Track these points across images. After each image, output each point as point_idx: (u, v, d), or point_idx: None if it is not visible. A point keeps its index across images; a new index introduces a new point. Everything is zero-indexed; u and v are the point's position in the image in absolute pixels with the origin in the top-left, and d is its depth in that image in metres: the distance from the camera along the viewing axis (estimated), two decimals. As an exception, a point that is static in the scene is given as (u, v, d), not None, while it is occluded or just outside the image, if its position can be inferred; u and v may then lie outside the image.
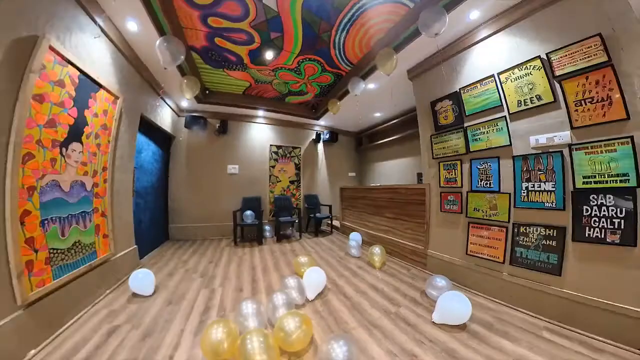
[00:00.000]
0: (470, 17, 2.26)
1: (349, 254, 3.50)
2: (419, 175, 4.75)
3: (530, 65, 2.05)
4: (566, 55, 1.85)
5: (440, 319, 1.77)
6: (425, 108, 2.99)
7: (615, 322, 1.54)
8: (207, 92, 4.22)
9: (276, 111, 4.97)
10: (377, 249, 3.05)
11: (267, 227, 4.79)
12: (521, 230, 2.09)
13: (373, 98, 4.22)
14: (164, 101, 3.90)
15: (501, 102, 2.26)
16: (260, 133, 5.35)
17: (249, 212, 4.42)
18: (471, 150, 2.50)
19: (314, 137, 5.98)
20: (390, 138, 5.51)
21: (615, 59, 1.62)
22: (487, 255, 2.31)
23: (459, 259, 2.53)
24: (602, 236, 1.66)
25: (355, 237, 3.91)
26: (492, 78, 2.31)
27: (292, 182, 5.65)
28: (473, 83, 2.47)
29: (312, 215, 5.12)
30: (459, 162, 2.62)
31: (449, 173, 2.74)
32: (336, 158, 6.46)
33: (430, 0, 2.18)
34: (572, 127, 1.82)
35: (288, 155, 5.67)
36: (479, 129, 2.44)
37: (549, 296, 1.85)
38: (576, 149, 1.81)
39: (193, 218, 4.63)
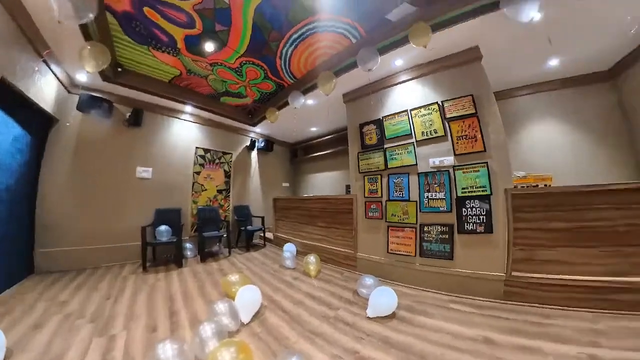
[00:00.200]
0: (395, 63, 2.90)
1: (284, 266, 3.45)
2: (347, 187, 5.28)
3: (431, 107, 2.80)
4: (453, 105, 2.65)
5: (373, 313, 1.99)
6: (355, 129, 3.49)
7: (487, 285, 2.25)
8: (120, 69, 3.37)
9: (208, 110, 4.49)
10: (311, 258, 3.16)
11: (188, 245, 4.09)
12: (425, 229, 2.70)
13: (311, 113, 4.51)
14: (49, 67, 2.83)
15: (411, 132, 2.93)
16: (185, 132, 4.61)
17: (163, 228, 3.64)
18: (389, 167, 3.07)
19: (248, 143, 5.70)
20: (324, 152, 5.97)
21: (479, 112, 2.48)
22: (403, 251, 2.83)
23: (383, 258, 2.97)
24: (475, 228, 2.40)
25: (289, 248, 3.90)
26: (406, 112, 2.98)
27: (220, 191, 5.08)
28: (392, 114, 3.10)
29: (243, 228, 4.75)
30: (379, 176, 3.16)
31: (372, 185, 3.25)
32: (271, 167, 6.33)
33: (369, 42, 2.67)
34: (455, 154, 2.58)
35: (217, 160, 5.10)
36: (395, 151, 3.05)
37: (448, 276, 2.46)
38: (457, 169, 2.56)
39: (79, 238, 3.31)
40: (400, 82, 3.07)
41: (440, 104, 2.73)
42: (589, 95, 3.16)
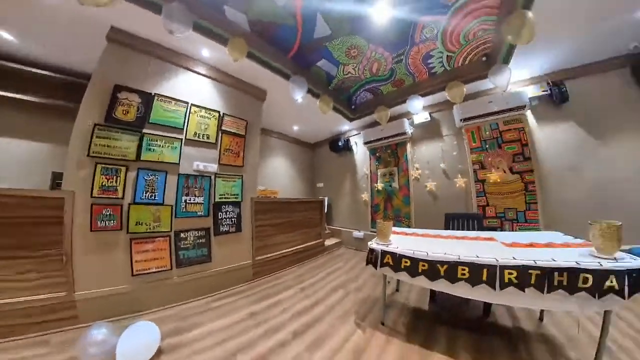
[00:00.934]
0: (202, 52, 2.62)
1: None
2: (56, 175, 2.71)
3: (212, 114, 2.92)
4: (231, 121, 3.09)
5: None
6: (105, 87, 2.24)
7: (241, 273, 2.84)
8: None
9: None
10: None
11: None
12: (181, 236, 2.54)
13: (29, 9, 1.86)
14: None
15: (183, 127, 2.71)
16: None
17: None
18: (142, 159, 2.40)
19: None
20: (22, 96, 2.53)
21: (247, 136, 3.20)
22: (155, 267, 2.32)
23: (125, 285, 2.12)
24: (228, 229, 2.88)
25: None
26: (186, 105, 2.72)
27: None
28: (170, 97, 2.60)
29: None
30: (124, 169, 2.31)
31: (108, 180, 2.23)
32: None
33: (191, 5, 2.14)
34: (219, 163, 2.94)
35: None
36: (156, 141, 2.52)
37: (208, 277, 2.58)
38: (218, 177, 2.93)
39: None
40: (195, 71, 2.78)
41: (221, 115, 2.98)
42: (303, 152, 6.21)
